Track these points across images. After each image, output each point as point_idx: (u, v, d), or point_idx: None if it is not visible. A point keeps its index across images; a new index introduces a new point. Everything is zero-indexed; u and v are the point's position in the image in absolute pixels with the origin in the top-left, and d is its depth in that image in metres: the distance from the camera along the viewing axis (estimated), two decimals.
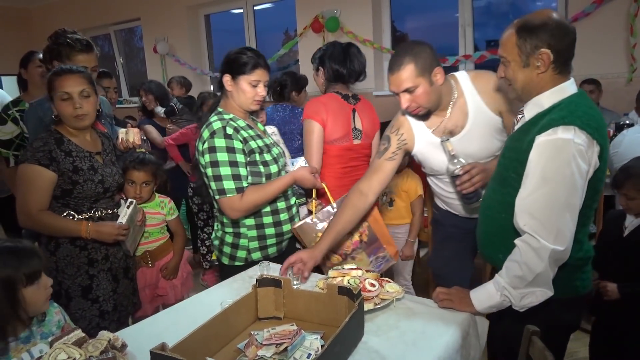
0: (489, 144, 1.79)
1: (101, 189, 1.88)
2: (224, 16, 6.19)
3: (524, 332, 1.33)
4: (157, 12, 6.22)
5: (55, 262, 1.84)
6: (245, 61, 1.83)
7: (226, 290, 1.70)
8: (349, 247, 2.01)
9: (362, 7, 4.76)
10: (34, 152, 1.77)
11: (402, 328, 1.37)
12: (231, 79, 1.86)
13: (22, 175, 1.78)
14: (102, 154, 1.96)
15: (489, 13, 4.97)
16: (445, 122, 1.78)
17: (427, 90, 1.67)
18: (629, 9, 3.60)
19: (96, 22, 6.89)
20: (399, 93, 1.69)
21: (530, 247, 1.32)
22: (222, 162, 1.77)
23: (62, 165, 1.79)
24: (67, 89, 1.79)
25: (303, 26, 5.10)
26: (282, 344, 1.22)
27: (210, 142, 1.78)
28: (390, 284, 1.54)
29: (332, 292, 1.37)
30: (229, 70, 1.86)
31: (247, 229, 1.91)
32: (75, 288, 1.86)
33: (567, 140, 1.29)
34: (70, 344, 1.13)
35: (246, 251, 1.92)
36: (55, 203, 1.83)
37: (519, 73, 1.41)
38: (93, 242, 1.87)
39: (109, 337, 1.19)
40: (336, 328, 1.17)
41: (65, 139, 1.84)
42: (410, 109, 1.72)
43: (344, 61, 2.30)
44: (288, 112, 3.30)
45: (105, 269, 1.93)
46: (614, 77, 3.74)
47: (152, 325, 1.48)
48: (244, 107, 1.90)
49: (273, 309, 1.45)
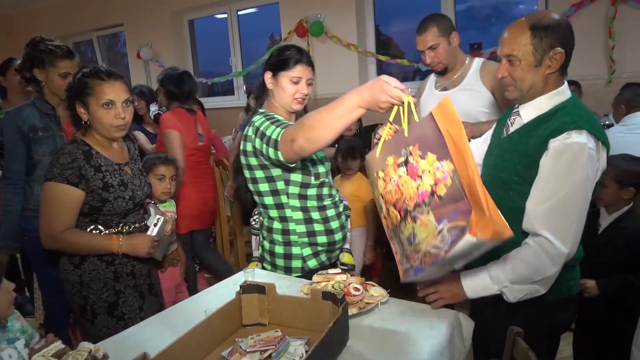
0: (469, 109, 2.14)
1: (131, 205, 1.78)
2: (208, 21, 6.17)
3: (508, 333, 1.34)
4: (140, 18, 6.18)
5: (80, 275, 1.74)
6: (286, 57, 1.75)
7: (210, 297, 1.68)
8: (412, 198, 1.25)
9: (346, 12, 4.78)
10: (61, 169, 1.64)
11: (386, 332, 1.37)
12: (272, 76, 1.78)
13: (48, 194, 1.66)
14: (130, 164, 1.85)
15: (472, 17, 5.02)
16: (444, 81, 2.27)
17: (446, 49, 2.16)
18: (607, 12, 3.66)
19: (79, 28, 6.83)
20: (424, 50, 2.15)
21: (546, 253, 1.31)
22: (263, 127, 1.67)
23: (92, 182, 1.67)
24: (111, 96, 1.67)
25: (287, 31, 5.10)
26: (266, 350, 1.21)
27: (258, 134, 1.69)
28: (375, 287, 1.54)
29: (316, 297, 1.36)
30: (270, 67, 1.79)
31: (298, 237, 1.80)
32: (101, 304, 1.76)
33: (583, 144, 1.30)
34: (50, 356, 1.11)
35: (301, 260, 1.82)
36: (82, 219, 1.72)
37: (530, 72, 1.39)
38: (122, 257, 1.78)
39: (90, 348, 1.17)
40: (321, 333, 1.16)
41: (93, 151, 1.72)
42: (433, 65, 2.19)
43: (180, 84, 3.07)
44: None
45: (131, 285, 1.83)
46: (593, 79, 3.80)
47: (134, 334, 1.46)
48: (285, 106, 1.80)
49: (257, 316, 1.44)
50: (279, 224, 1.82)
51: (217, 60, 6.37)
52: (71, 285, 1.76)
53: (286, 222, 1.80)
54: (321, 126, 1.41)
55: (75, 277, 1.74)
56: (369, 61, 4.93)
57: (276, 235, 1.83)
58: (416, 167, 1.22)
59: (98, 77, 1.67)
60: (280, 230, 1.81)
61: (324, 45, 4.94)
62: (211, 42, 6.50)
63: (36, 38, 2.20)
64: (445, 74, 2.26)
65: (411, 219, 1.24)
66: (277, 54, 1.78)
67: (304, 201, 1.79)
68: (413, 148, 1.24)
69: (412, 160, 1.24)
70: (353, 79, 4.81)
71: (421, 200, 1.20)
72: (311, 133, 1.43)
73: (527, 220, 1.37)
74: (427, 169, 1.19)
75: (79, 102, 1.69)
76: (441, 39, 2.13)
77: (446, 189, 1.13)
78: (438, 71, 2.25)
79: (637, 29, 3.61)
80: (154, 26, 6.09)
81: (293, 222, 1.80)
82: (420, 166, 1.21)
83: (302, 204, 1.79)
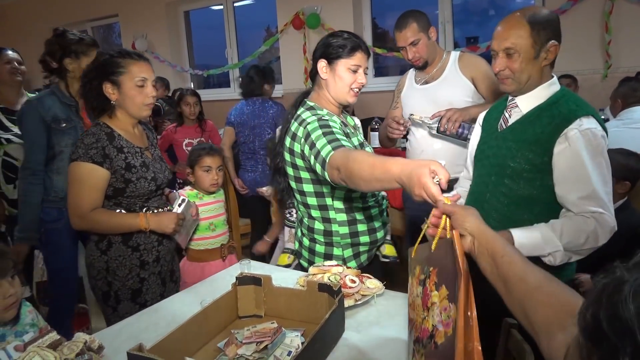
0: (454, 100, 2.16)
1: (154, 186, 1.81)
2: (203, 12, 6.13)
3: (503, 325, 1.35)
4: (135, 8, 6.12)
5: (107, 261, 1.76)
6: (343, 43, 1.63)
7: (206, 289, 1.68)
8: (417, 327, 1.05)
9: (343, 4, 4.75)
10: (86, 149, 1.67)
11: (382, 323, 1.37)
12: (327, 65, 1.66)
13: (74, 174, 1.68)
14: (149, 149, 1.88)
15: (468, 10, 5.02)
16: (424, 75, 2.30)
17: (426, 44, 2.18)
18: (603, 6, 3.66)
19: (73, 18, 6.74)
20: (405, 47, 2.17)
21: (603, 226, 1.38)
22: (315, 135, 1.54)
23: (115, 162, 1.70)
24: (144, 74, 1.72)
25: (284, 23, 5.07)
26: (262, 342, 1.21)
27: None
28: (371, 280, 1.54)
29: (312, 289, 1.37)
30: (324, 55, 1.66)
31: (340, 238, 1.73)
32: (126, 291, 1.78)
33: (596, 129, 1.40)
34: (45, 347, 1.10)
35: (342, 261, 1.74)
36: (107, 202, 1.75)
37: (528, 65, 1.45)
38: (145, 242, 1.81)
39: (85, 339, 1.17)
40: (317, 325, 1.17)
41: (115, 133, 1.74)
42: (414, 60, 2.21)
43: None
44: (258, 105, 3.33)
45: (156, 272, 1.85)
46: (589, 74, 3.81)
47: (130, 325, 1.46)
48: (340, 97, 1.68)
49: (253, 307, 1.44)
50: (321, 224, 1.74)
51: (212, 52, 6.34)
52: (97, 271, 1.78)
53: (329, 224, 1.73)
54: (360, 177, 1.27)
55: (102, 263, 1.76)
56: None
57: (318, 235, 1.76)
58: (428, 295, 1.00)
59: (130, 57, 1.73)
60: (323, 231, 1.74)
61: (321, 37, 4.91)
62: (207, 34, 6.46)
63: (59, 29, 2.22)
64: (425, 69, 2.29)
65: (411, 351, 1.06)
66: (332, 40, 1.66)
67: (349, 202, 1.71)
68: (432, 271, 1.01)
69: (427, 284, 1.02)
70: None
71: (421, 337, 1.00)
72: (351, 178, 1.32)
73: (570, 206, 1.43)
74: (436, 304, 0.95)
75: (109, 82, 1.70)
76: (421, 34, 2.15)
77: (445, 339, 0.89)
78: (418, 66, 2.28)
79: (633, 24, 3.62)
80: (149, 17, 6.04)
81: (336, 223, 1.72)
82: (432, 297, 0.98)
83: (346, 205, 1.71)
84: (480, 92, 2.19)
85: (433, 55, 2.25)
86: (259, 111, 3.32)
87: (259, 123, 3.30)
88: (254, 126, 3.35)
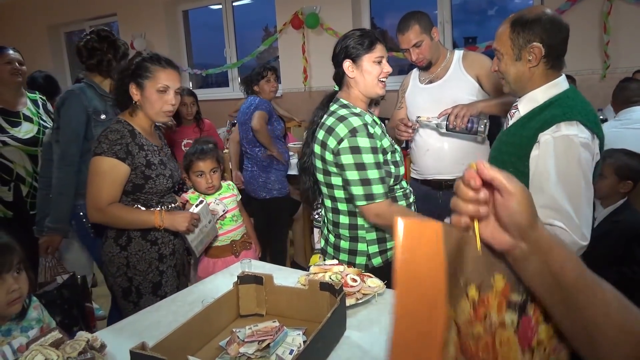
0: (458, 98, 2.13)
1: (170, 183, 1.87)
2: (202, 12, 6.12)
3: None
4: (134, 8, 6.11)
5: (127, 257, 1.81)
6: (360, 40, 1.69)
7: (208, 288, 1.68)
8: None
9: (342, 4, 4.75)
10: (110, 144, 1.72)
11: (383, 322, 1.38)
12: (352, 64, 1.71)
13: (96, 167, 1.73)
14: (164, 149, 1.95)
15: (468, 10, 5.03)
16: (428, 75, 2.29)
17: (429, 45, 2.18)
18: (602, 7, 3.67)
19: (71, 18, 6.74)
20: (409, 49, 2.18)
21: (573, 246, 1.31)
22: (369, 164, 1.61)
23: (137, 159, 1.76)
24: (168, 82, 1.77)
25: (283, 22, 5.07)
26: (264, 340, 1.22)
27: (352, 141, 1.61)
28: (372, 279, 1.55)
29: (314, 288, 1.37)
30: (347, 56, 1.71)
31: (365, 232, 1.75)
32: (147, 285, 1.84)
33: (572, 135, 1.34)
34: (47, 345, 1.11)
35: (366, 257, 1.76)
36: (124, 198, 1.80)
37: (511, 66, 1.46)
38: (162, 235, 1.86)
39: (88, 338, 1.17)
40: (318, 324, 1.17)
41: (136, 131, 1.80)
42: (418, 61, 2.21)
43: None
44: (248, 102, 3.32)
45: (172, 265, 1.92)
46: (588, 74, 3.82)
47: (132, 324, 1.46)
48: (370, 91, 1.73)
49: (255, 306, 1.44)
50: (347, 218, 1.76)
51: (211, 52, 6.34)
52: (116, 268, 1.81)
53: (354, 217, 1.74)
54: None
55: (122, 258, 1.80)
56: None
57: (343, 230, 1.77)
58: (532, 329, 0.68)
59: (159, 63, 1.78)
60: (348, 225, 1.76)
61: (320, 37, 4.92)
62: (205, 33, 6.46)
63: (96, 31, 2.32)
64: (429, 69, 2.29)
65: None
66: (349, 42, 1.71)
67: None
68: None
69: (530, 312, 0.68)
70: None
71: None
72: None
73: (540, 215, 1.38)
74: (543, 343, 0.68)
75: (134, 83, 1.77)
76: (424, 35, 2.16)
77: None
78: (422, 67, 2.28)
79: (631, 25, 3.63)
80: (147, 16, 6.03)
81: (362, 217, 1.73)
82: (539, 333, 0.68)
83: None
84: (486, 90, 2.20)
85: (437, 56, 2.25)
86: (245, 109, 3.32)
87: (244, 120, 3.31)
88: (242, 123, 3.36)
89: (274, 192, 3.30)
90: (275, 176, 3.32)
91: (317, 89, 4.96)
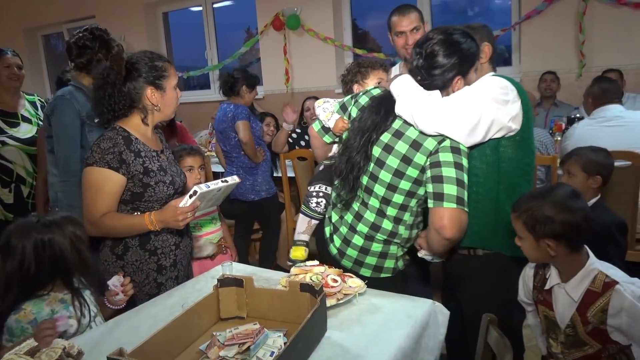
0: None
1: (172, 190, 1.76)
2: (182, 13, 6.08)
3: (482, 320, 1.37)
4: (112, 10, 6.04)
5: (122, 267, 1.71)
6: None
7: (188, 292, 1.67)
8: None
9: (322, 5, 4.77)
10: (102, 154, 1.62)
11: (364, 322, 1.38)
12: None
13: (89, 179, 1.64)
14: (164, 152, 1.84)
15: (448, 11, 5.07)
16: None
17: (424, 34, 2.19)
18: (577, 7, 3.75)
19: (48, 20, 6.63)
20: (406, 32, 2.20)
21: None
22: (465, 168, 1.52)
23: (133, 167, 1.65)
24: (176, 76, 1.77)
25: (264, 24, 5.07)
26: (244, 343, 1.21)
27: (455, 142, 1.52)
28: (353, 279, 1.55)
29: (294, 289, 1.37)
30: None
31: (399, 241, 1.68)
32: (143, 297, 1.73)
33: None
34: (22, 354, 1.09)
35: (395, 260, 1.71)
36: (123, 207, 1.70)
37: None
38: (163, 245, 1.76)
39: (64, 345, 1.15)
40: (299, 325, 1.17)
41: (132, 137, 1.69)
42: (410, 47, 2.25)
43: None
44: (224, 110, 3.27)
45: (173, 277, 1.81)
46: (565, 73, 3.89)
47: (110, 329, 1.44)
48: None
49: (235, 309, 1.44)
50: (391, 224, 1.65)
51: (192, 54, 6.29)
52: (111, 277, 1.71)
53: (397, 225, 1.65)
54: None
55: (117, 268, 1.70)
56: (346, 55, 4.93)
57: (381, 234, 1.67)
58: None
59: (165, 60, 1.74)
60: (389, 231, 1.66)
61: (301, 39, 4.93)
62: (186, 35, 6.41)
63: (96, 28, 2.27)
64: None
65: None
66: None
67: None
68: None
69: None
70: (330, 73, 4.81)
71: None
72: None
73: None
74: None
75: (152, 87, 1.68)
76: (421, 23, 2.24)
77: None
78: (406, 58, 2.28)
79: (605, 24, 3.71)
80: (127, 18, 5.96)
81: (404, 225, 1.65)
82: None
83: (424, 206, 1.65)
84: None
85: None
86: (222, 115, 3.27)
87: (223, 128, 3.25)
88: (221, 131, 3.30)
89: (262, 194, 3.28)
90: (262, 177, 3.30)
91: (299, 90, 4.97)
